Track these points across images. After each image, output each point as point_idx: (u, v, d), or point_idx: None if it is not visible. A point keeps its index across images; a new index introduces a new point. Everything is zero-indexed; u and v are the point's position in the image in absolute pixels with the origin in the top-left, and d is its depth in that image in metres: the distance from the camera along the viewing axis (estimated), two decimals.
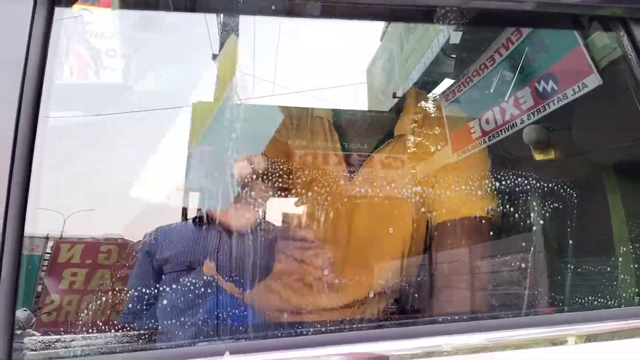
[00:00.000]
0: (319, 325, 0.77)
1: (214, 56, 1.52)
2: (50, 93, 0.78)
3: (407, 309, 1.21)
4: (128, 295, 1.21)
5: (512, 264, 1.18)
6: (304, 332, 0.75)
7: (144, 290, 1.25)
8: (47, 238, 1.36)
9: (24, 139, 0.72)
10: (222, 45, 1.43)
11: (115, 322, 1.08)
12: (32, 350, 0.72)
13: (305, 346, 0.71)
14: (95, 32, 1.16)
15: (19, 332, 0.66)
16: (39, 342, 0.74)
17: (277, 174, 1.27)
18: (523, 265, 1.16)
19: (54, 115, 0.83)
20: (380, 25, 1.77)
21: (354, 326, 0.76)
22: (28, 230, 0.69)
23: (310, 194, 1.28)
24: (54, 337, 0.74)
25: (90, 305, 1.01)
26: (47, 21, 0.76)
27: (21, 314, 0.71)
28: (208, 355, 0.69)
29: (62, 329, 0.88)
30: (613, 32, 0.98)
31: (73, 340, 0.73)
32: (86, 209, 1.29)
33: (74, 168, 1.22)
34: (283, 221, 1.32)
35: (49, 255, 1.37)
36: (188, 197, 1.39)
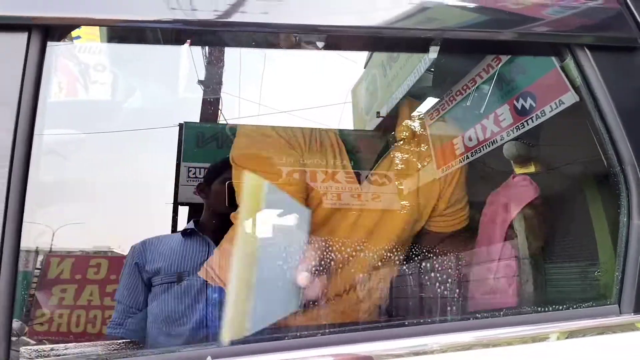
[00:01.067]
0: (301, 328, 0.78)
1: (200, 81, 1.61)
2: (44, 115, 0.82)
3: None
4: (116, 306, 1.22)
5: (499, 270, 1.21)
6: (286, 336, 0.76)
7: (132, 301, 1.27)
8: (36, 252, 1.36)
9: (20, 158, 0.76)
10: (207, 69, 1.50)
11: (103, 333, 1.08)
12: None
13: (287, 349, 0.72)
14: (88, 58, 1.21)
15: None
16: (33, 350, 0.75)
17: None
18: (509, 271, 1.19)
19: (46, 133, 0.87)
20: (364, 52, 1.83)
21: (338, 328, 0.78)
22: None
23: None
24: (47, 346, 0.76)
25: (81, 317, 1.02)
26: (40, 53, 0.82)
27: (14, 324, 0.73)
28: None
29: (53, 339, 0.90)
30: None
31: (66, 349, 0.75)
32: (75, 222, 1.31)
33: (65, 182, 1.25)
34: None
35: (39, 270, 1.37)
36: (177, 210, 1.41)
